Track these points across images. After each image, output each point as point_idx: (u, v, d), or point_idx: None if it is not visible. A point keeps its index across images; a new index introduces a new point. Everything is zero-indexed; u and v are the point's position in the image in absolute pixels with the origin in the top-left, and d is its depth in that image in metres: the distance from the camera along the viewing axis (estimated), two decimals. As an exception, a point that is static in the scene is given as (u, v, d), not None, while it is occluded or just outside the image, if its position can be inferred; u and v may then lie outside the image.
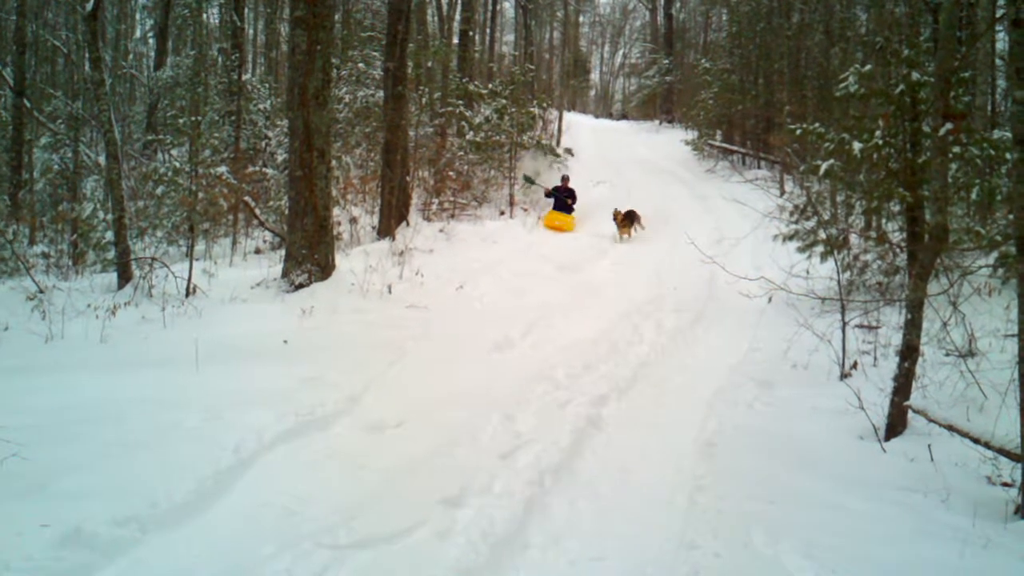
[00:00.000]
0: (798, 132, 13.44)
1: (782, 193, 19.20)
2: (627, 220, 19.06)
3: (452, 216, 20.20)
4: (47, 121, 23.14)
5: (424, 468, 6.02)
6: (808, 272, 11.35)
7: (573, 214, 20.52)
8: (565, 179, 21.64)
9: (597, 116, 55.10)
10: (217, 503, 5.41)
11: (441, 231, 17.81)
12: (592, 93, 70.78)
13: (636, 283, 13.24)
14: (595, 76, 71.83)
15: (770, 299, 11.01)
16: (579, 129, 36.01)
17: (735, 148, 30.96)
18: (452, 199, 21.20)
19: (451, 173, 21.76)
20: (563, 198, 20.78)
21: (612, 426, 7.13)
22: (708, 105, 31.66)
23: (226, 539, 4.90)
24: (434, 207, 20.31)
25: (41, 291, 11.59)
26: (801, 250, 12.43)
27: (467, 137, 23.18)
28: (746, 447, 6.43)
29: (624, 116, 54.53)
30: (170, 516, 5.11)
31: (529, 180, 22.51)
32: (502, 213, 21.27)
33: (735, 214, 16.89)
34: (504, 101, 23.33)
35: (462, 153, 22.77)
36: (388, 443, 6.67)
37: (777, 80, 28.03)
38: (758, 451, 6.34)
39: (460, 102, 24.84)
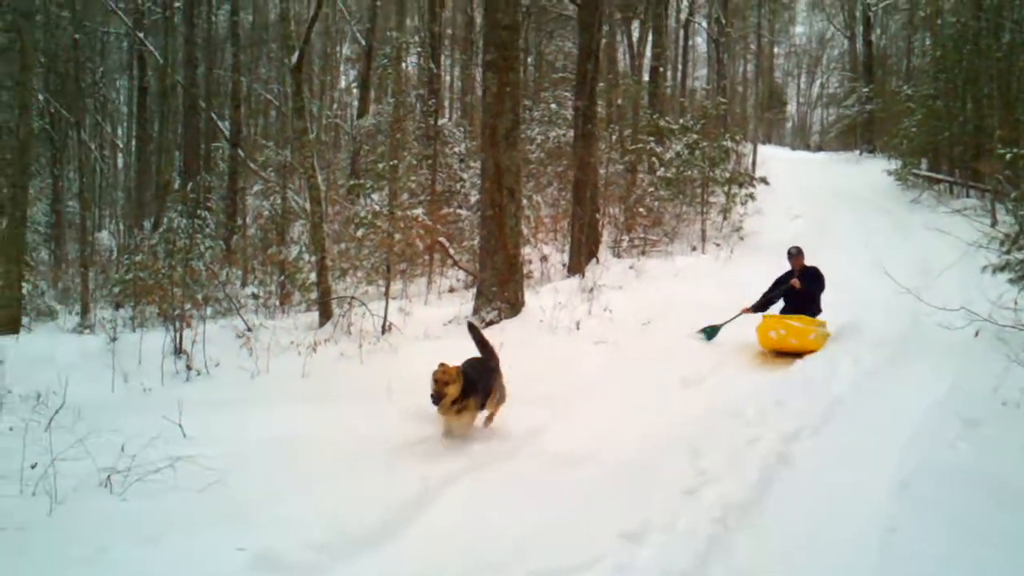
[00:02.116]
0: (1009, 157, 12.70)
1: (993, 223, 18.13)
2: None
3: (643, 252, 20.13)
4: (259, 169, 24.55)
5: (605, 502, 5.97)
6: (1016, 303, 10.65)
7: (819, 320, 12.06)
8: (795, 256, 12.76)
9: (794, 148, 53.83)
10: (402, 533, 5.52)
11: (631, 267, 17.76)
12: (788, 125, 69.24)
13: (830, 316, 12.74)
14: (791, 107, 70.21)
15: (977, 333, 10.36)
16: (774, 162, 35.21)
17: (941, 177, 29.52)
18: (642, 235, 21.14)
19: (641, 209, 21.72)
20: (797, 292, 12.38)
21: (803, 464, 6.86)
22: (911, 133, 30.37)
23: (407, 569, 5.00)
24: (624, 244, 20.31)
25: (249, 329, 12.27)
26: (1013, 281, 11.67)
27: (658, 173, 23.10)
28: (946, 486, 6.05)
29: (821, 147, 53.05)
30: (358, 545, 5.26)
31: (711, 332, 12.59)
32: (694, 249, 21.02)
33: (941, 245, 16.07)
34: (695, 136, 23.13)
35: (652, 189, 22.69)
36: (570, 477, 6.65)
37: (986, 104, 26.62)
38: (959, 491, 5.94)
39: (651, 138, 24.79)
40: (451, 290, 17.45)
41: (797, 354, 11.32)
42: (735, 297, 13.62)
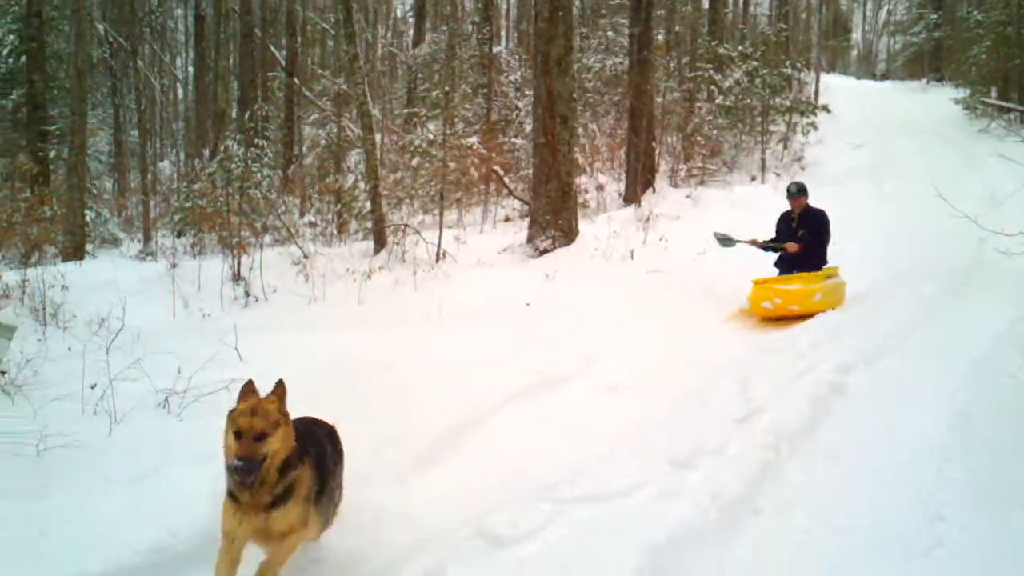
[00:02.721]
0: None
1: (1065, 150, 17.59)
2: None
3: (700, 182, 19.88)
4: (315, 98, 24.55)
5: (654, 429, 5.97)
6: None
7: (825, 271, 10.23)
8: (796, 195, 10.63)
9: (858, 77, 52.46)
10: (453, 455, 5.61)
11: (688, 197, 17.56)
12: (853, 53, 67.44)
13: (890, 247, 12.50)
14: (856, 35, 68.31)
15: (1041, 259, 10.09)
16: (838, 91, 34.38)
17: (1011, 105, 28.60)
18: (701, 165, 20.86)
19: (699, 138, 21.40)
20: (796, 243, 10.41)
21: (857, 395, 6.77)
22: (981, 60, 29.41)
23: (457, 489, 5.08)
24: (682, 173, 20.07)
25: (306, 256, 12.40)
26: (1085, 210, 11.35)
27: (717, 101, 22.69)
28: (1005, 419, 5.94)
29: (887, 76, 51.65)
30: (412, 465, 5.35)
31: (725, 241, 11.35)
32: (753, 179, 20.71)
33: (1009, 174, 15.63)
34: (756, 63, 22.64)
35: (711, 118, 22.31)
36: (619, 404, 6.67)
37: (1061, 29, 25.66)
38: (1019, 421, 5.84)
39: (709, 66, 24.31)
40: (506, 219, 17.41)
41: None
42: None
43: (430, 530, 4.56)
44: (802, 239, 10.24)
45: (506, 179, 17.75)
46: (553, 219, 12.76)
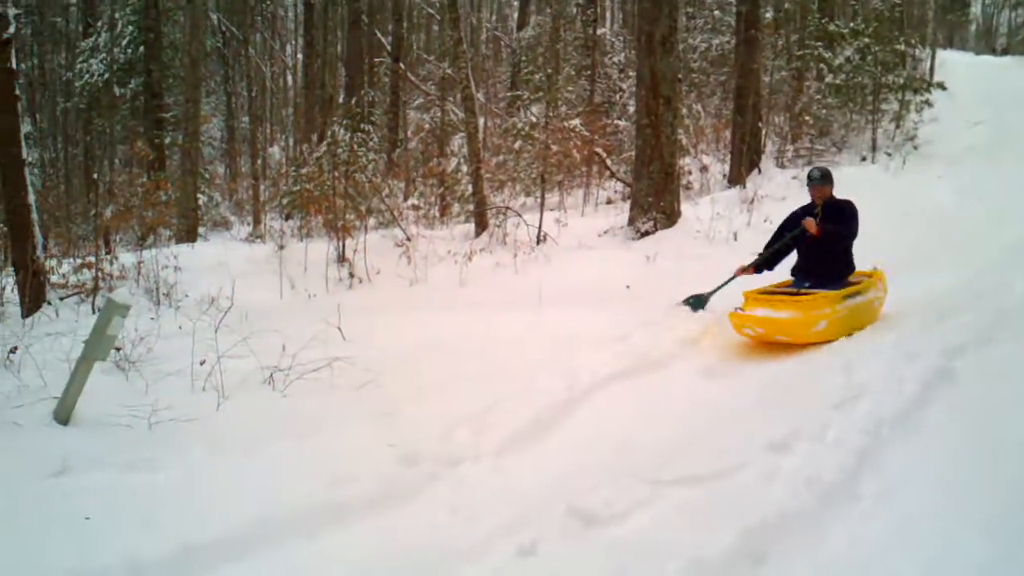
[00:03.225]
0: None
1: None
2: None
3: (808, 163, 19.44)
4: (420, 84, 24.80)
5: (753, 413, 5.88)
6: None
7: (854, 286, 7.73)
8: (818, 183, 8.02)
9: (977, 53, 50.53)
10: (549, 435, 5.62)
11: (794, 178, 17.17)
12: (972, 28, 64.96)
13: (1003, 225, 12.00)
14: (975, 9, 65.75)
15: None
16: (955, 67, 33.07)
17: None
18: (808, 145, 20.40)
19: (807, 118, 20.91)
20: (816, 243, 7.81)
21: (966, 379, 6.55)
22: (1110, 32, 28.03)
23: (554, 467, 5.09)
24: (789, 154, 19.66)
25: (409, 239, 12.57)
26: None
27: (826, 80, 22.12)
28: None
29: (1007, 51, 49.62)
30: (506, 444, 5.38)
31: (697, 303, 8.60)
32: (863, 159, 20.14)
33: None
34: (867, 40, 21.98)
35: (820, 97, 21.77)
36: (718, 387, 6.58)
37: None
38: None
39: (819, 44, 23.70)
40: (608, 201, 17.34)
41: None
42: (906, 206, 13.05)
43: (525, 507, 4.59)
44: (825, 232, 7.62)
45: (608, 161, 17.66)
46: (655, 201, 12.65)
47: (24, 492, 4.31)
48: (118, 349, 6.77)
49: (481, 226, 13.11)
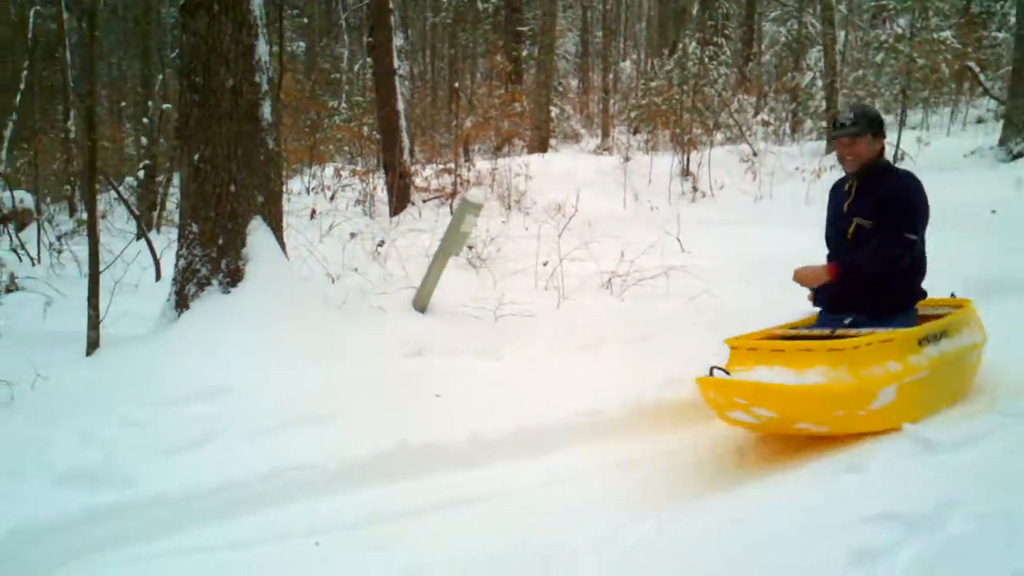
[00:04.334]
0: None
1: None
2: None
3: None
4: (778, -5, 23.90)
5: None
6: None
7: (922, 328, 3.87)
8: (849, 129, 4.04)
9: None
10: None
11: None
12: None
13: None
14: None
15: None
16: None
17: None
18: None
19: None
20: (835, 265, 4.03)
21: None
22: None
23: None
24: None
25: (755, 154, 12.32)
26: None
27: None
28: None
29: None
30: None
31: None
32: None
33: None
34: None
35: None
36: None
37: None
38: None
39: None
40: (979, 120, 15.99)
41: None
42: None
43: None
44: (853, 251, 4.05)
45: (982, 77, 16.22)
46: (1033, 119, 11.52)
47: (389, 368, 4.78)
48: (470, 247, 7.26)
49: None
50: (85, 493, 3.45)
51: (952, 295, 4.65)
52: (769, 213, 9.99)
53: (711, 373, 3.66)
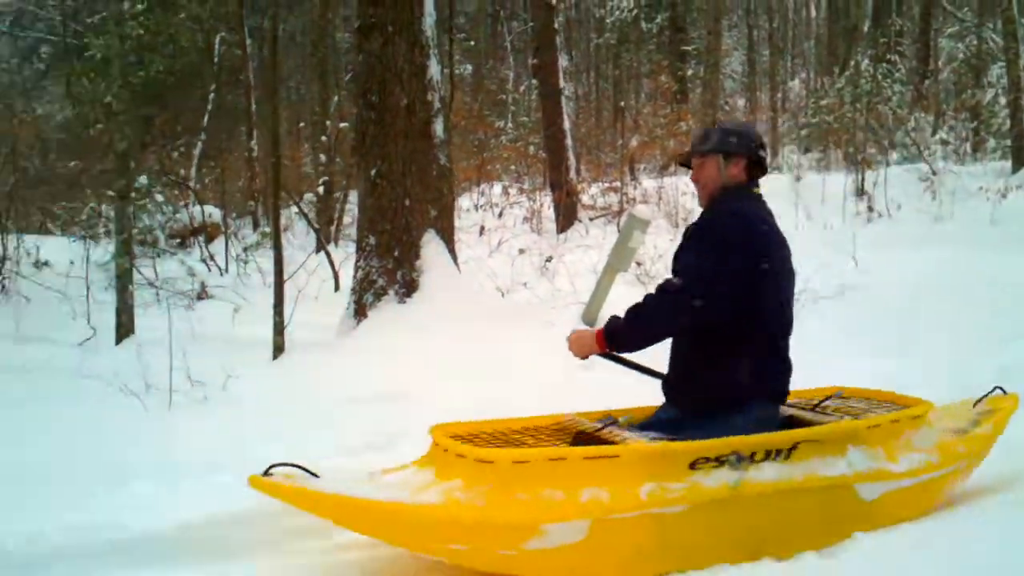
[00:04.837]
0: None
1: None
2: None
3: None
4: (955, 10, 23.01)
5: None
6: None
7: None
8: (698, 147, 3.32)
9: None
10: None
11: None
12: None
13: None
14: None
15: None
16: None
17: None
18: None
19: None
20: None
21: None
22: None
23: None
24: None
25: (935, 174, 11.90)
26: None
27: None
28: None
29: None
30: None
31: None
32: None
33: None
34: None
35: None
36: None
37: None
38: None
39: None
40: None
41: None
42: None
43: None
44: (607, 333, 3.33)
45: None
46: None
47: (559, 382, 4.82)
48: (639, 264, 7.24)
49: (1020, 162, 11.98)
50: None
51: (1000, 390, 3.70)
52: (950, 234, 9.59)
53: (267, 473, 2.66)
